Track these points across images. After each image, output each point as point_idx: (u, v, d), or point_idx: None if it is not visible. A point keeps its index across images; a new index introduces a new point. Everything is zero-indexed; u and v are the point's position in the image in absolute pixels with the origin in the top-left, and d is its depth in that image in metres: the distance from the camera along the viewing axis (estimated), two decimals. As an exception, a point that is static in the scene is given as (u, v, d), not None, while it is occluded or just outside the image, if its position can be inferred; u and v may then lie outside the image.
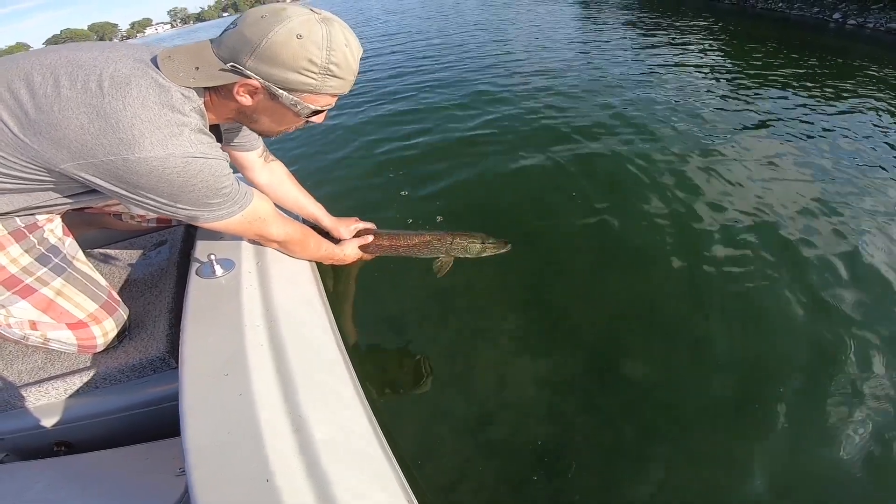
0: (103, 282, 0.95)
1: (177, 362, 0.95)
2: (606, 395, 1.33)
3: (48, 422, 0.93)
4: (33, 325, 0.87)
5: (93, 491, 0.84)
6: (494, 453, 1.20)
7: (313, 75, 0.73)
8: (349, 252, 1.26)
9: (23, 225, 0.81)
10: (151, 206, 0.74)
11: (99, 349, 0.94)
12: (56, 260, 0.86)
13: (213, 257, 0.89)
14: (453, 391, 1.35)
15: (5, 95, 0.66)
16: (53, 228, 0.87)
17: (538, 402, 1.32)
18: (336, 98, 0.81)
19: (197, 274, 0.90)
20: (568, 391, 1.34)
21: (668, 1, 10.08)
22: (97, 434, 0.96)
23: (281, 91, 0.73)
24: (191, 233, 1.25)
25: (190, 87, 0.73)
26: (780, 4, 8.96)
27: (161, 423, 0.94)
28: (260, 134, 0.88)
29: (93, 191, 0.76)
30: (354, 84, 0.82)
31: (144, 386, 0.94)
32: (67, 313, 0.88)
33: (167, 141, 0.68)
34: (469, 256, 1.32)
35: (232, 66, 0.70)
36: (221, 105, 0.78)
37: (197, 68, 0.71)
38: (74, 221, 1.08)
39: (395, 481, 0.73)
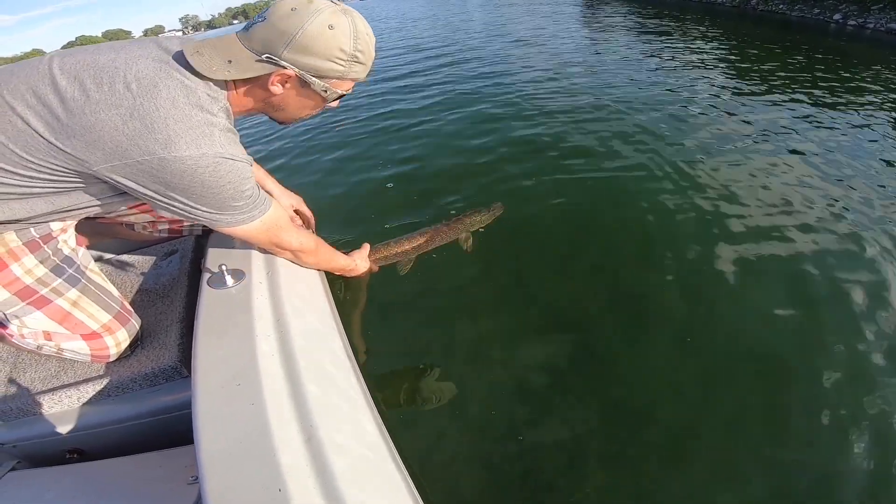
0: (116, 292, 0.96)
1: (188, 371, 0.96)
2: (582, 378, 1.39)
3: (61, 429, 0.94)
4: (48, 336, 0.88)
5: (107, 498, 0.85)
6: (493, 447, 1.24)
7: (342, 62, 0.78)
8: (360, 263, 1.27)
9: (37, 235, 0.82)
10: (177, 208, 0.76)
11: (111, 359, 0.95)
12: (70, 271, 0.87)
13: (224, 268, 0.90)
14: (457, 395, 1.37)
15: (31, 100, 0.66)
16: (67, 239, 0.89)
17: (525, 389, 1.37)
18: (354, 83, 0.86)
19: (208, 284, 0.91)
20: (557, 381, 1.40)
21: (671, 5, 10.18)
22: (109, 442, 0.97)
23: (313, 79, 0.77)
24: (201, 243, 1.27)
25: (217, 83, 0.75)
26: (780, 6, 8.95)
27: (173, 432, 0.95)
28: (282, 122, 0.90)
29: (118, 194, 0.77)
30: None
31: (156, 395, 0.95)
32: (82, 324, 0.89)
33: (200, 141, 0.70)
34: (482, 228, 1.50)
35: (267, 57, 0.73)
36: (247, 97, 0.81)
37: (230, 61, 0.73)
38: (86, 231, 1.09)
39: (405, 492, 0.74)
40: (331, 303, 1.14)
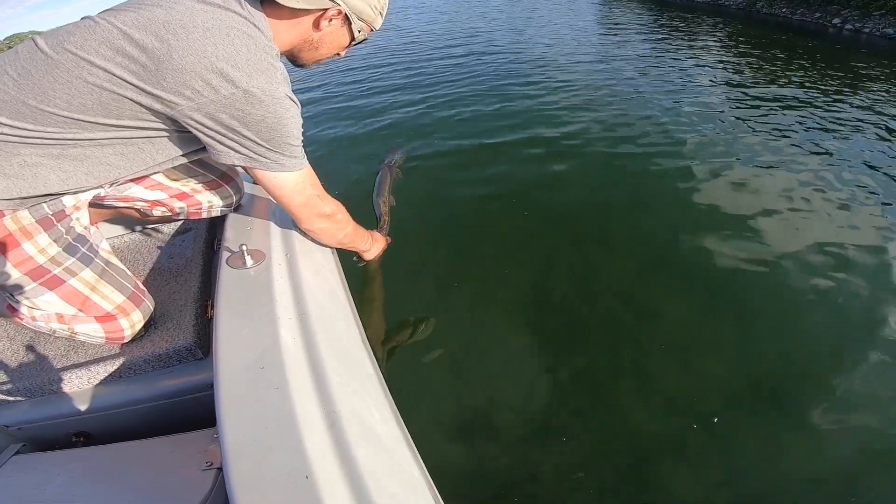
0: (129, 272, 0.93)
1: (203, 353, 0.93)
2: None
3: (68, 412, 0.90)
4: (60, 318, 0.85)
5: (117, 484, 0.82)
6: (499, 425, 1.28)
7: (375, 10, 0.88)
8: (380, 244, 1.25)
9: (51, 212, 0.79)
10: (243, 145, 0.78)
11: (126, 340, 0.92)
12: (83, 249, 0.84)
13: (244, 248, 0.87)
14: (463, 382, 1.42)
15: (108, 53, 0.68)
16: (80, 217, 0.85)
17: (538, 380, 1.42)
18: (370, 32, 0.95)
19: (228, 264, 0.88)
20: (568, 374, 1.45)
21: (681, 5, 10.38)
22: (118, 425, 0.94)
23: (357, 20, 0.86)
24: (215, 222, 1.23)
25: (264, 25, 0.78)
26: (783, 10, 8.98)
27: (185, 416, 0.92)
28: (305, 63, 0.94)
29: (182, 142, 0.82)
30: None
31: (169, 376, 0.92)
32: (96, 306, 0.86)
33: (272, 79, 0.76)
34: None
35: None
36: (288, 34, 0.85)
37: None
38: (99, 211, 1.05)
39: (420, 479, 0.73)
40: (345, 287, 1.12)
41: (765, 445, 1.21)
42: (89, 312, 0.86)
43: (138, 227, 1.28)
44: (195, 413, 0.91)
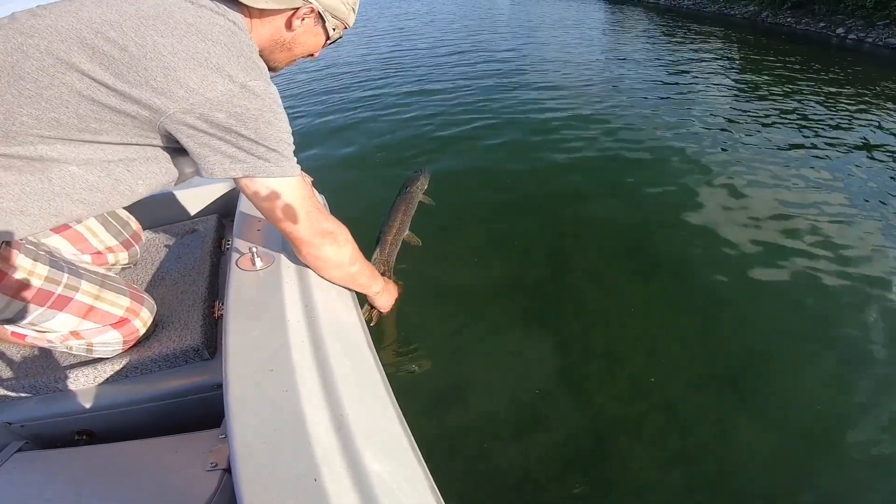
0: (112, 273, 0.92)
1: (209, 354, 0.93)
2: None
3: (72, 410, 0.90)
4: (76, 335, 0.82)
5: (121, 483, 0.81)
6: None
7: (348, 7, 0.86)
8: (391, 287, 1.15)
9: None
10: (240, 147, 0.72)
11: (140, 339, 0.92)
12: (62, 262, 0.80)
13: (254, 249, 0.87)
14: (468, 386, 1.43)
15: (85, 55, 0.61)
16: None
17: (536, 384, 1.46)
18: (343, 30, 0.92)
19: (237, 265, 0.88)
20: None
21: (686, 14, 10.55)
22: (123, 424, 0.93)
23: (330, 17, 0.83)
24: (222, 222, 1.23)
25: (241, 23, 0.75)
26: (788, 19, 9.02)
27: (190, 416, 0.92)
28: (277, 65, 0.89)
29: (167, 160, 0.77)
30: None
31: (175, 376, 0.91)
32: (108, 314, 0.84)
33: (263, 75, 0.73)
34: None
35: None
36: (260, 34, 0.81)
37: None
38: None
39: (424, 483, 0.73)
40: (353, 292, 1.12)
41: (720, 430, 1.27)
42: (104, 322, 0.84)
43: (144, 228, 1.27)
44: (201, 413, 0.91)
